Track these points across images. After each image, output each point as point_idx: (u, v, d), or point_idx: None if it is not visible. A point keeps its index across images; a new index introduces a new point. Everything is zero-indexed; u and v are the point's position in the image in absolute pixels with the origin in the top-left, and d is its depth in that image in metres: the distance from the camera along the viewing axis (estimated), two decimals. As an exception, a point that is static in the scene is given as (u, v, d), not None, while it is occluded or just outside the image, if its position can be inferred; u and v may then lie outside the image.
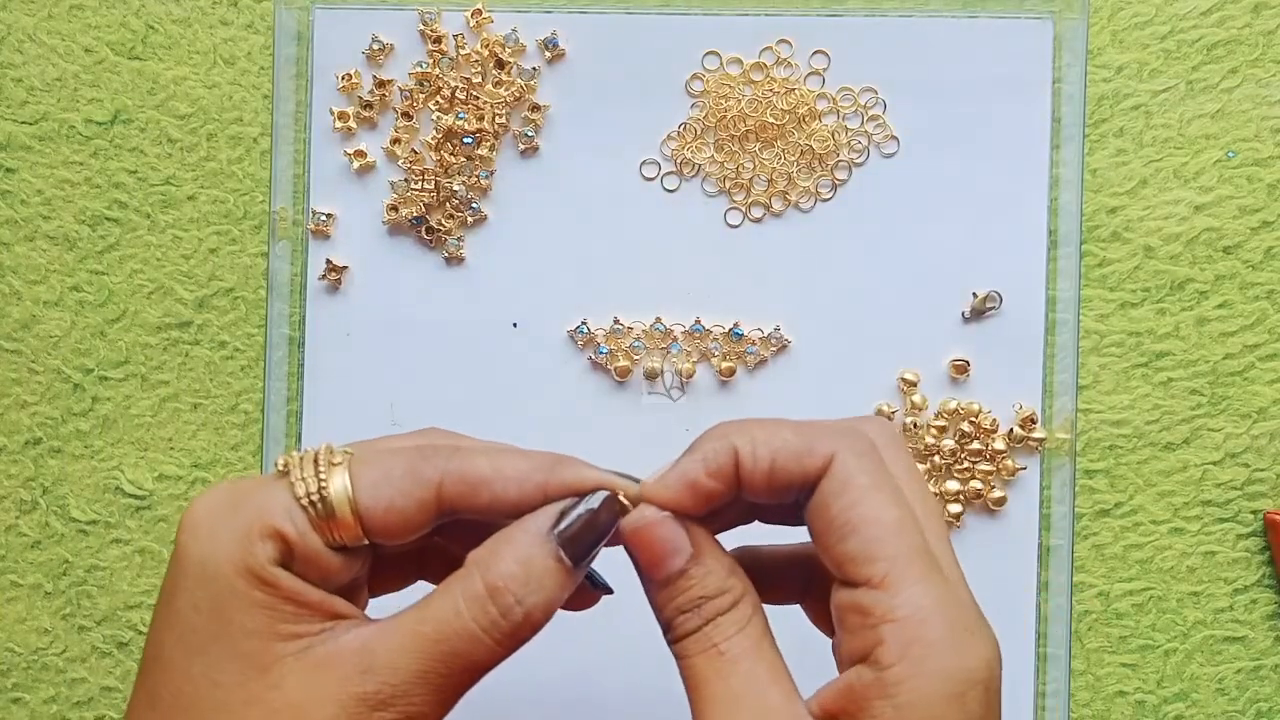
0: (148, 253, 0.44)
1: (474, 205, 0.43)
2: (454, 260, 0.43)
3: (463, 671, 0.26)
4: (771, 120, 0.43)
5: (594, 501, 0.27)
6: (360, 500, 0.26)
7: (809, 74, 0.43)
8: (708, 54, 0.43)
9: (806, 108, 0.43)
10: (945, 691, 0.24)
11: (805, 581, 0.30)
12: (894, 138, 0.43)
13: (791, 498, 0.27)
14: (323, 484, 0.26)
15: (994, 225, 0.43)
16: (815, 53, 0.43)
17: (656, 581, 0.27)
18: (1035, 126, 0.43)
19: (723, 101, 0.43)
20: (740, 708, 0.26)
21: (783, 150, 0.43)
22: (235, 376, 0.44)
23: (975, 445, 0.42)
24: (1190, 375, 0.43)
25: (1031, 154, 0.43)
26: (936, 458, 0.43)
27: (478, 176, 0.43)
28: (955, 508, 0.42)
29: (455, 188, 0.43)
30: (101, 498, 0.44)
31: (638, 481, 0.28)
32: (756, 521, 0.30)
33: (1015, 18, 0.43)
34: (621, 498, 0.27)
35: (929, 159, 0.43)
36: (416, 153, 0.43)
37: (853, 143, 0.43)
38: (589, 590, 0.30)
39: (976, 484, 0.42)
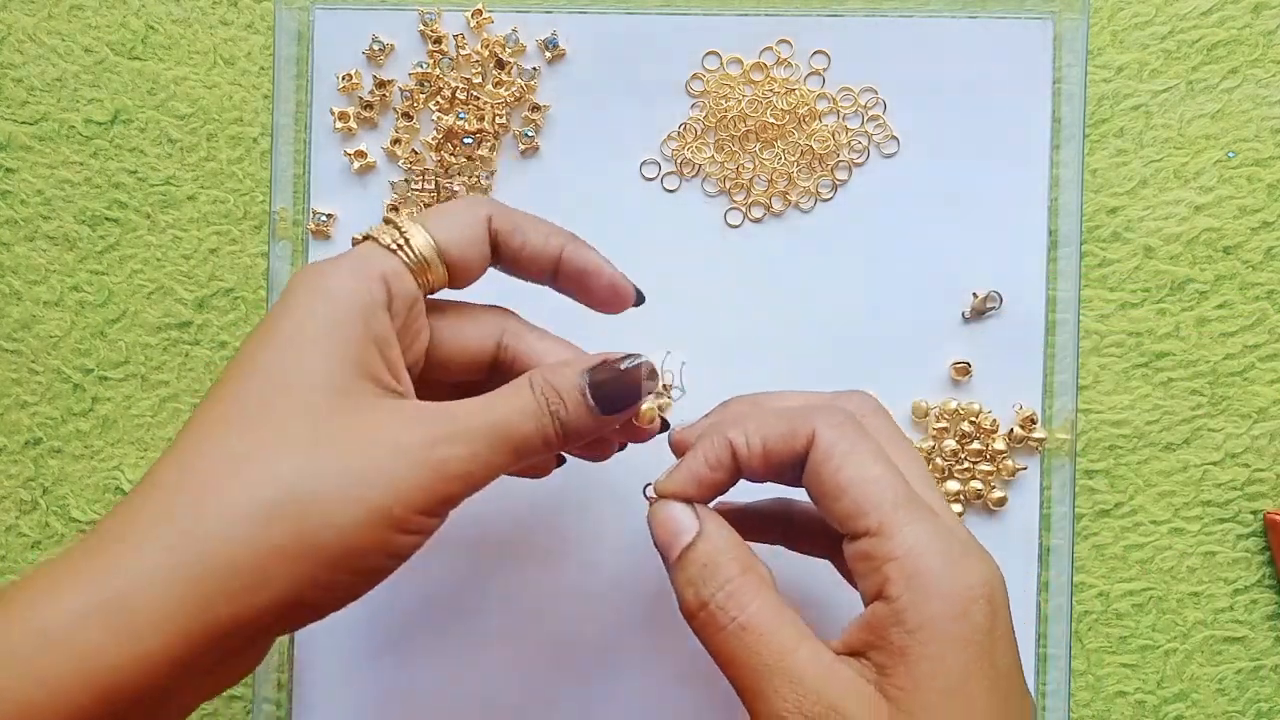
0: (148, 253, 0.44)
1: (474, 205, 0.43)
2: (454, 260, 0.43)
3: (513, 450, 0.29)
4: (771, 120, 0.43)
5: (626, 363, 0.32)
6: (437, 237, 0.31)
7: (809, 74, 0.43)
8: (708, 54, 0.43)
9: (806, 108, 0.43)
10: (948, 611, 0.27)
11: (832, 538, 0.32)
12: (894, 138, 0.43)
13: (789, 474, 0.31)
14: (405, 233, 0.31)
15: (994, 225, 0.43)
16: (815, 53, 0.43)
17: (671, 563, 0.30)
18: (1035, 126, 0.43)
19: (723, 101, 0.43)
20: (775, 675, 0.27)
21: (783, 150, 0.43)
22: (235, 376, 0.44)
23: (975, 445, 0.42)
24: (1190, 375, 0.43)
25: (1032, 154, 0.43)
26: (938, 459, 0.43)
27: (478, 177, 0.43)
28: (956, 508, 0.42)
29: (455, 188, 0.43)
30: (101, 498, 0.44)
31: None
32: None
33: (1015, 18, 0.43)
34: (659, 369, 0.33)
35: (929, 159, 0.43)
36: (417, 153, 0.43)
37: (853, 143, 0.43)
38: (608, 448, 0.35)
39: (977, 484, 0.42)
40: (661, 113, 0.43)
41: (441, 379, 0.34)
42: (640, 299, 0.35)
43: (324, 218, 0.43)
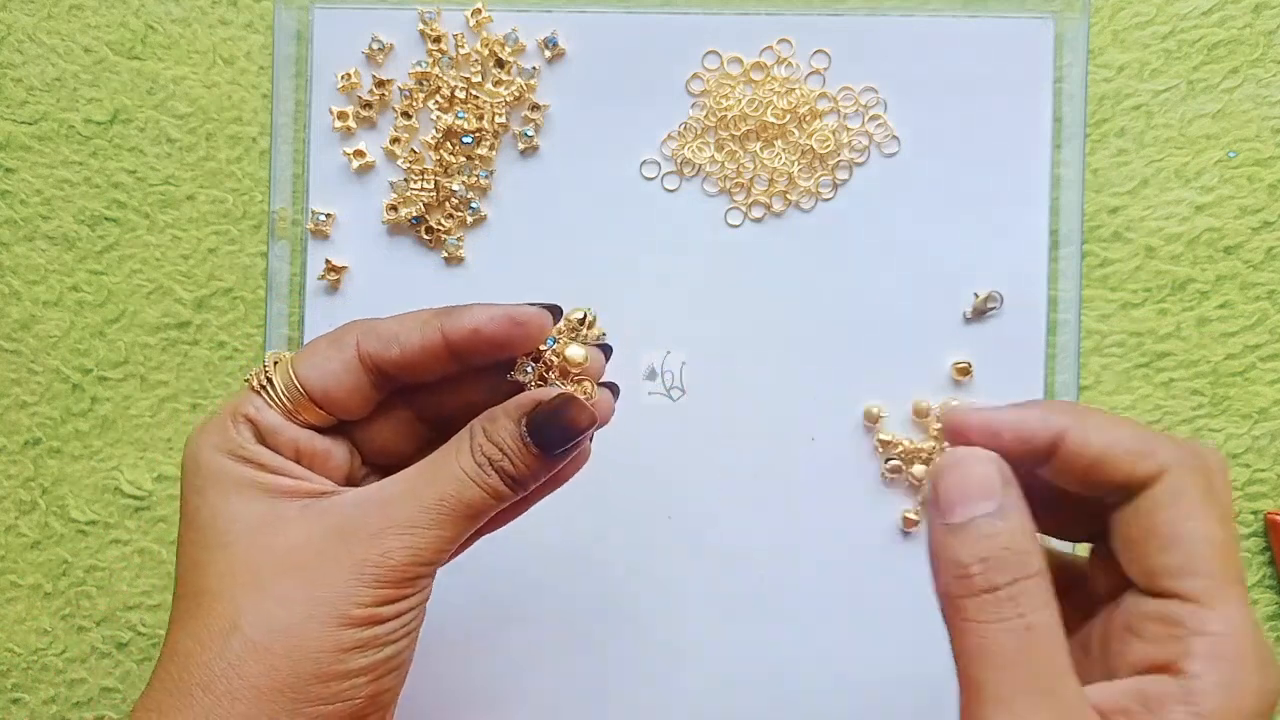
0: (147, 253, 0.44)
1: (473, 205, 0.43)
2: (453, 260, 0.43)
3: (465, 518, 0.29)
4: (772, 120, 0.43)
5: (560, 400, 0.30)
6: (299, 374, 0.30)
7: (809, 73, 0.43)
8: (708, 54, 0.43)
9: (807, 107, 0.43)
10: (1249, 707, 0.24)
11: (1088, 521, 0.29)
12: (895, 137, 0.43)
13: (1102, 493, 0.27)
14: (268, 372, 0.31)
15: (995, 225, 0.43)
16: (816, 52, 0.43)
17: (950, 525, 0.26)
18: (1036, 126, 0.43)
19: (723, 101, 0.43)
20: (1033, 693, 0.24)
21: (783, 150, 0.43)
22: (234, 377, 0.44)
23: (976, 446, 0.42)
24: (1191, 376, 0.43)
25: (1033, 154, 0.43)
26: (939, 460, 0.43)
27: (477, 176, 0.43)
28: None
29: (455, 187, 0.43)
30: (100, 498, 0.44)
31: (555, 310, 0.31)
32: None
33: (1016, 17, 0.42)
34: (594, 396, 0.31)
35: (930, 159, 0.43)
36: (416, 152, 0.43)
37: (853, 142, 0.43)
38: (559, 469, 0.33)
39: (977, 484, 0.42)
40: (661, 112, 0.43)
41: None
42: (556, 311, 0.31)
43: (323, 217, 0.43)
